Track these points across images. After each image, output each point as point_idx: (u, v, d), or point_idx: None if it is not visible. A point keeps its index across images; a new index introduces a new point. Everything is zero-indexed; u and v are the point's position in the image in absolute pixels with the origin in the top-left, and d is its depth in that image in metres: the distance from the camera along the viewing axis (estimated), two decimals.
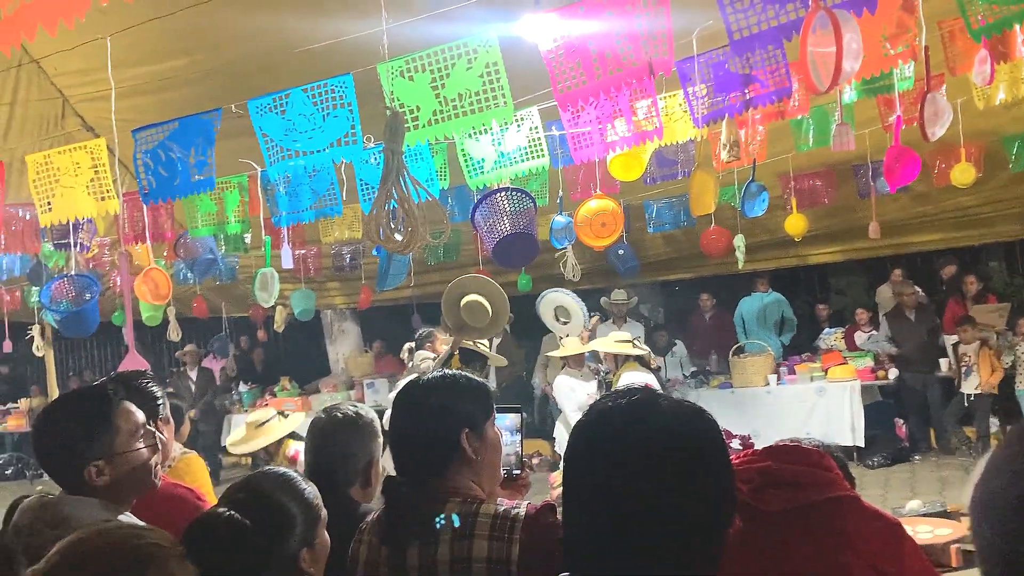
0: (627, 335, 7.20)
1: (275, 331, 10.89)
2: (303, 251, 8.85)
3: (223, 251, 7.26)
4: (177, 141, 3.92)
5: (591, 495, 1.28)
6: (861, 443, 8.67)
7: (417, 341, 6.72)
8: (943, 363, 9.09)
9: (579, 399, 6.82)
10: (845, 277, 12.93)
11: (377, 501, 2.38)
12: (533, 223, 4.51)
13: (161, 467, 2.18)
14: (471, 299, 5.07)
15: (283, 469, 2.00)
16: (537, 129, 4.64)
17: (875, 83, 4.59)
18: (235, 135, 4.20)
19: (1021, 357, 8.42)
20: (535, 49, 3.39)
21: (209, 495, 2.84)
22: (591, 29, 3.15)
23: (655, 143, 4.55)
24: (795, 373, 9.24)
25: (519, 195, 4.51)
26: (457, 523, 1.83)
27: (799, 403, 9.01)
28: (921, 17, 3.47)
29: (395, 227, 3.04)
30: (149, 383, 2.58)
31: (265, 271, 6.68)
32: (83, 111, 5.22)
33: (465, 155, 4.72)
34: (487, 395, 2.04)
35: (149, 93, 4.72)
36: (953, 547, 5.43)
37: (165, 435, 2.47)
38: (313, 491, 1.95)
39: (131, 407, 2.09)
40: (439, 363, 5.53)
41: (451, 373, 2.06)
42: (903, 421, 9.27)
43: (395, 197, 2.94)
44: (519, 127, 4.60)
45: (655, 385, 6.62)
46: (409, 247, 2.95)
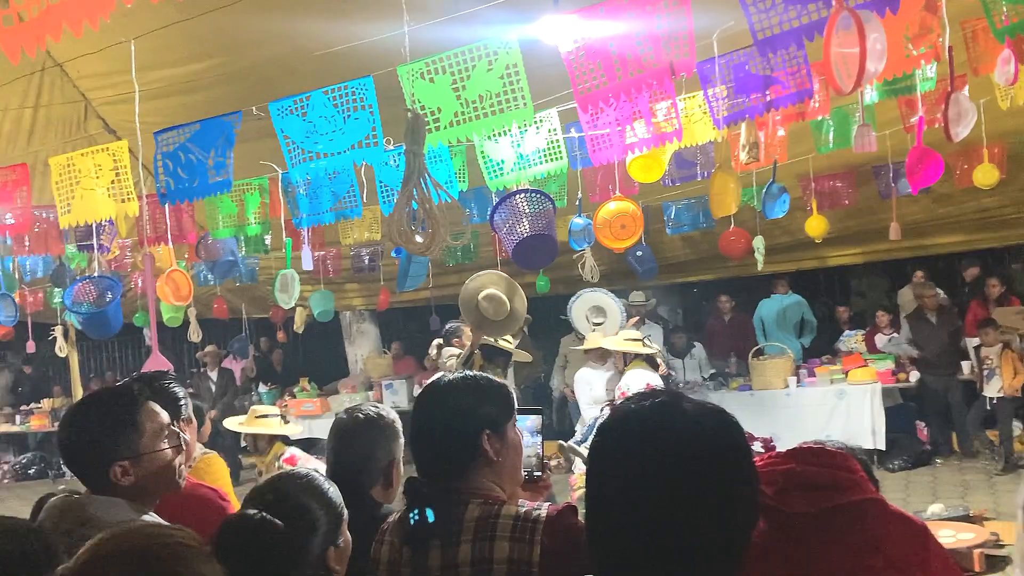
0: (637, 333, 7.21)
1: (294, 332, 10.94)
2: (323, 253, 8.89)
3: (243, 253, 7.30)
4: (197, 143, 3.95)
5: (615, 497, 1.28)
6: (882, 446, 8.61)
7: (444, 337, 6.73)
8: (965, 366, 9.01)
9: (596, 394, 6.85)
10: (865, 279, 12.84)
11: (398, 502, 2.39)
12: (552, 224, 4.51)
13: (184, 467, 2.20)
14: (488, 293, 5.06)
15: (306, 470, 2.03)
16: (556, 131, 4.64)
17: (897, 84, 4.56)
18: (256, 137, 4.23)
19: None
20: (554, 51, 3.39)
21: (230, 495, 2.85)
22: (611, 30, 3.15)
23: (674, 145, 4.53)
24: (815, 376, 9.18)
25: (538, 197, 4.52)
26: (432, 519, 1.83)
27: (819, 406, 8.96)
28: (944, 17, 3.44)
29: (415, 229, 3.05)
30: (172, 383, 2.60)
31: (285, 273, 6.72)
32: (105, 114, 5.26)
33: (485, 157, 4.73)
34: (508, 396, 2.04)
35: (171, 96, 4.76)
36: (976, 551, 5.39)
37: (187, 435, 2.49)
38: (335, 491, 1.99)
39: (156, 407, 2.11)
40: (461, 361, 5.53)
41: (472, 374, 2.06)
42: (924, 424, 9.20)
43: (416, 199, 2.95)
44: (538, 129, 4.60)
45: (655, 383, 6.65)
46: (430, 249, 2.95)
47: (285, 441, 5.07)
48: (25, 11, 2.12)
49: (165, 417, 2.12)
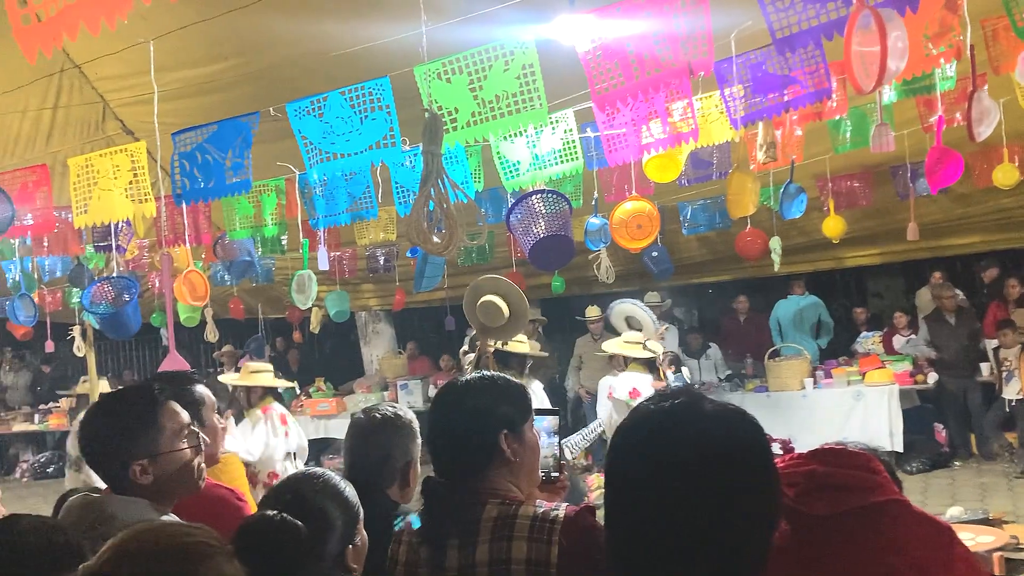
0: (639, 336, 7.22)
1: (310, 332, 10.97)
2: (338, 253, 8.92)
3: (260, 253, 7.33)
4: (215, 143, 3.96)
5: (635, 498, 1.27)
6: (900, 448, 8.55)
7: (469, 343, 6.77)
8: (984, 368, 8.94)
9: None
10: (883, 280, 12.77)
11: (415, 502, 2.38)
12: (568, 225, 4.50)
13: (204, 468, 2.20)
14: (486, 300, 5.05)
15: (321, 470, 2.03)
16: (572, 131, 4.63)
17: (916, 83, 4.52)
18: (273, 139, 4.24)
19: None
20: (570, 51, 3.39)
21: (246, 495, 2.86)
22: (629, 30, 3.14)
23: (691, 145, 4.52)
24: (832, 377, 9.13)
25: (554, 197, 4.50)
26: (417, 524, 1.82)
27: (836, 407, 8.91)
28: (966, 15, 3.41)
29: (431, 228, 3.05)
30: (195, 384, 2.61)
31: (302, 273, 6.73)
32: (123, 115, 5.29)
33: (500, 157, 4.73)
34: (526, 397, 2.03)
35: (188, 97, 4.78)
36: (996, 555, 5.34)
37: (223, 426, 2.51)
38: (352, 491, 2.00)
39: (176, 407, 2.12)
40: (472, 367, 5.53)
41: (489, 374, 2.06)
42: (943, 426, 9.13)
43: (433, 199, 2.95)
44: (554, 129, 4.59)
45: (641, 386, 6.66)
46: (448, 249, 2.95)
47: (275, 397, 5.55)
48: (43, 10, 2.13)
49: (185, 417, 2.13)
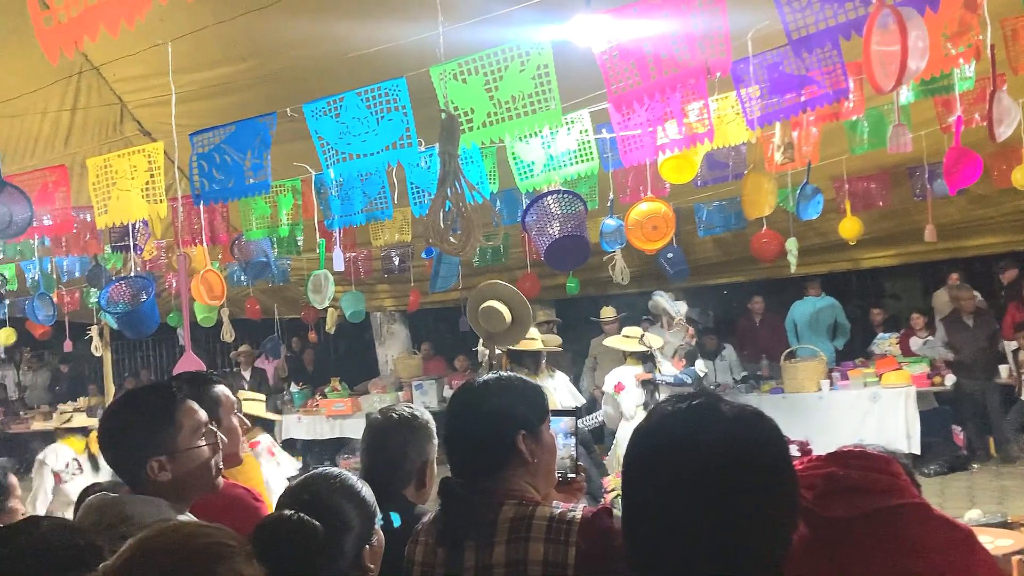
0: (637, 331, 7.30)
1: (325, 333, 11.01)
2: (353, 254, 8.94)
3: (276, 253, 7.36)
4: (233, 144, 3.98)
5: (652, 499, 1.27)
6: (917, 450, 8.50)
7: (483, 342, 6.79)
8: (1003, 369, 8.86)
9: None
10: (900, 281, 12.70)
11: (432, 502, 2.39)
12: (583, 226, 4.49)
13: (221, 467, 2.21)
14: (487, 306, 5.06)
15: (337, 470, 2.03)
16: (587, 132, 4.62)
17: (934, 83, 4.49)
18: (289, 139, 4.26)
19: None
20: (585, 51, 3.38)
21: (263, 495, 2.87)
22: (645, 30, 3.13)
23: (706, 145, 4.51)
24: (848, 379, 9.08)
25: (569, 197, 4.50)
26: (398, 523, 1.82)
27: (852, 409, 8.85)
28: (986, 15, 3.38)
29: (447, 228, 3.06)
30: (212, 384, 2.62)
31: (319, 273, 6.75)
32: (141, 116, 5.33)
33: (515, 158, 4.73)
34: (542, 397, 2.03)
35: (205, 98, 4.80)
36: (1015, 558, 5.29)
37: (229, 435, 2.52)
38: (368, 491, 1.99)
39: (194, 405, 2.13)
40: (486, 367, 5.55)
41: (506, 375, 2.06)
42: (960, 428, 9.06)
43: (450, 199, 2.95)
44: (569, 130, 4.59)
45: (627, 379, 6.72)
46: (464, 249, 2.96)
47: (266, 429, 5.75)
48: (64, 12, 2.15)
49: (203, 416, 2.14)
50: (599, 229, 6.20)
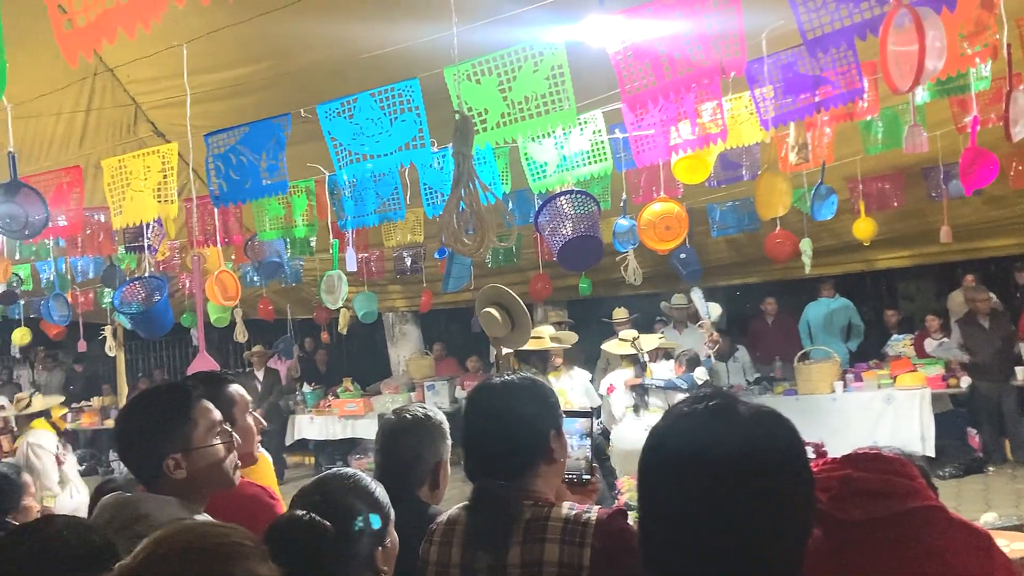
0: (632, 334, 7.34)
1: (338, 333, 11.04)
2: (366, 254, 8.96)
3: (289, 254, 7.38)
4: (248, 145, 3.99)
5: (669, 501, 1.26)
6: (931, 453, 8.44)
7: None
8: (1019, 372, 8.79)
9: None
10: (914, 282, 12.63)
11: (446, 503, 2.38)
12: (596, 226, 4.48)
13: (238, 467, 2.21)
14: (484, 312, 5.08)
15: (352, 470, 2.03)
16: (600, 132, 4.61)
17: (950, 83, 4.46)
18: (303, 140, 4.26)
19: None
20: (598, 52, 3.37)
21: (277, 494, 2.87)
22: (659, 30, 3.12)
23: (719, 146, 4.49)
24: (862, 380, 9.03)
25: (582, 198, 4.49)
26: (378, 524, 1.81)
27: (866, 411, 8.81)
28: (1002, 14, 3.36)
29: (461, 229, 3.05)
30: (227, 383, 2.63)
31: (332, 274, 6.77)
32: (154, 117, 5.34)
33: (528, 159, 4.72)
34: (557, 397, 2.04)
35: (218, 100, 4.81)
36: None
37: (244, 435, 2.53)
38: (382, 491, 1.99)
39: (209, 404, 2.15)
40: (496, 370, 5.56)
41: (526, 376, 2.06)
42: (976, 431, 9.00)
43: (464, 200, 2.95)
44: (582, 130, 4.58)
45: (618, 382, 6.73)
46: (479, 249, 2.96)
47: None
48: (83, 16, 2.16)
49: (217, 415, 2.15)
50: (612, 229, 6.19)
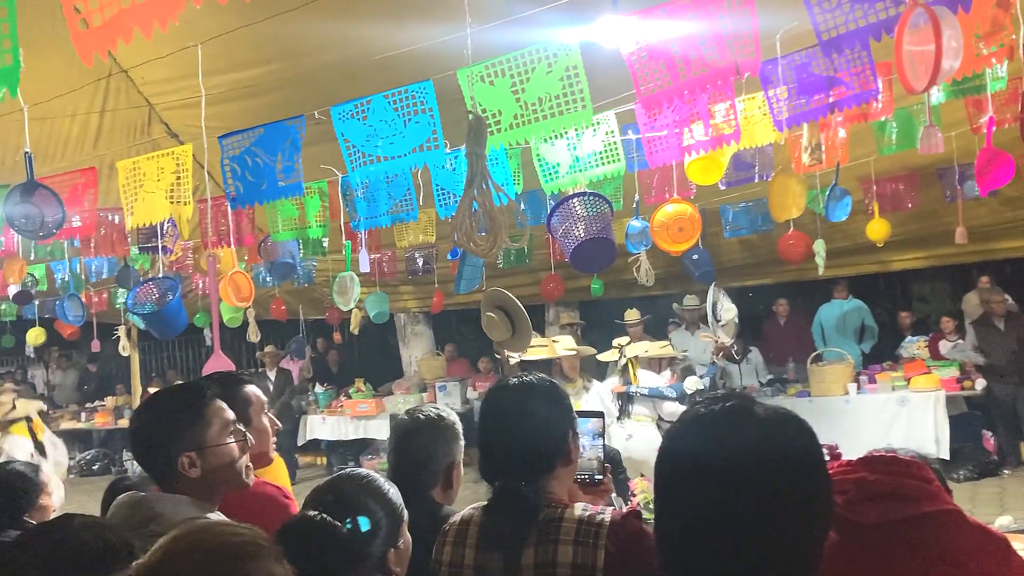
0: (623, 340, 7.37)
1: (350, 333, 11.08)
2: (378, 255, 8.97)
3: (302, 255, 7.40)
4: (263, 147, 4.00)
5: (687, 503, 1.25)
6: (946, 455, 8.39)
7: None
8: None
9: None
10: (928, 284, 12.55)
11: (459, 503, 2.38)
12: (609, 228, 4.47)
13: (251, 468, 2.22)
14: (487, 315, 5.09)
15: (365, 471, 2.03)
16: (613, 133, 4.61)
17: (965, 84, 4.44)
18: (316, 142, 4.28)
19: None
20: (611, 53, 3.37)
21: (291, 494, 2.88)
22: (673, 31, 3.11)
23: (732, 147, 4.48)
24: (876, 382, 8.98)
25: (594, 199, 4.48)
26: (367, 526, 1.81)
27: (880, 413, 8.75)
28: (1019, 13, 3.34)
29: (474, 229, 3.06)
30: (243, 384, 2.64)
31: (345, 275, 6.78)
32: (168, 118, 5.37)
33: (540, 160, 4.72)
34: (570, 399, 2.04)
35: (232, 101, 4.83)
36: None
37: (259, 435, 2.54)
38: (395, 492, 1.98)
39: (223, 404, 2.16)
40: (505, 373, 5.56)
41: (546, 377, 2.06)
42: (991, 434, 8.94)
43: (477, 200, 2.95)
44: (595, 131, 4.57)
45: (603, 394, 6.73)
46: (491, 250, 2.96)
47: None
48: (98, 15, 2.17)
49: (231, 414, 2.17)
50: (624, 231, 6.18)
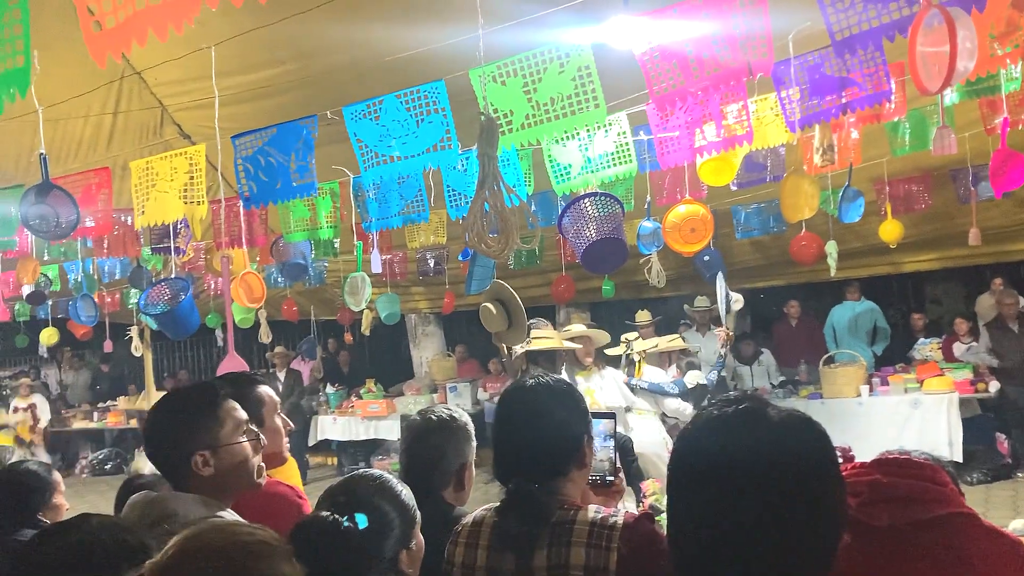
0: (631, 336, 7.38)
1: (361, 334, 11.11)
2: (389, 256, 8.99)
3: (314, 256, 7.42)
4: (276, 146, 4.01)
5: (700, 505, 1.25)
6: (959, 458, 8.34)
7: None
8: None
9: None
10: (941, 285, 12.48)
11: (471, 504, 2.38)
12: (620, 229, 4.47)
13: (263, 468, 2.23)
14: (483, 306, 5.11)
15: (379, 472, 2.03)
16: (625, 134, 4.60)
17: (979, 84, 4.41)
18: (328, 142, 4.29)
19: None
20: (622, 54, 3.36)
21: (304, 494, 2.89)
22: (685, 31, 3.11)
23: (744, 148, 4.47)
24: (888, 384, 8.94)
25: (606, 200, 4.48)
26: (364, 524, 1.80)
27: (892, 415, 8.71)
28: None
29: (486, 230, 3.05)
30: (256, 384, 2.66)
31: (356, 276, 6.79)
32: (180, 119, 5.39)
33: (552, 160, 4.71)
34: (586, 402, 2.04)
35: (244, 102, 4.85)
36: None
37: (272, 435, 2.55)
38: (408, 493, 1.98)
39: (235, 404, 2.18)
40: (512, 371, 5.55)
41: (563, 379, 2.07)
42: (1005, 436, 8.88)
43: (489, 201, 2.95)
44: (607, 132, 4.57)
45: (619, 379, 6.73)
46: (503, 251, 2.96)
47: None
48: (112, 17, 2.18)
49: (243, 414, 2.18)
50: (635, 232, 6.17)
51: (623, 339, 7.44)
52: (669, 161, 4.68)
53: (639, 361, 7.17)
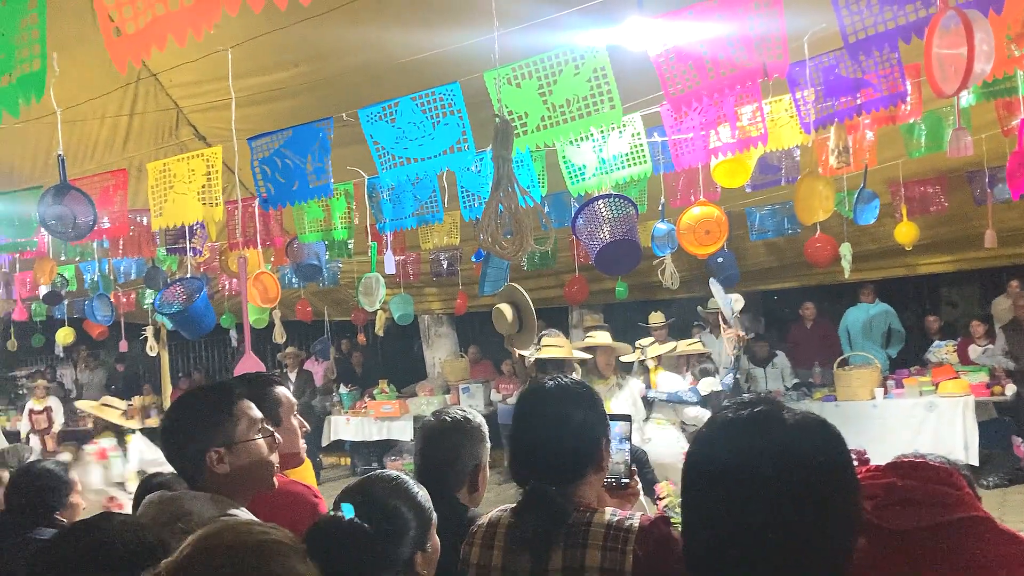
0: (646, 341, 7.35)
1: (374, 335, 11.14)
2: (403, 257, 9.00)
3: (328, 256, 7.44)
4: (292, 148, 4.03)
5: (715, 508, 1.25)
6: (975, 462, 8.28)
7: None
8: None
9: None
10: (957, 288, 12.42)
11: (485, 505, 2.39)
12: (634, 230, 4.46)
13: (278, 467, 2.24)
14: (496, 307, 5.12)
15: (395, 473, 2.03)
16: (640, 135, 4.60)
17: (996, 86, 4.39)
18: (343, 144, 4.30)
19: None
20: (636, 55, 3.36)
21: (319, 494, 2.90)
22: (700, 32, 3.11)
23: (759, 149, 4.46)
24: (903, 387, 8.89)
25: (620, 201, 4.48)
26: (351, 513, 1.80)
27: (907, 418, 8.66)
28: None
29: (500, 231, 3.06)
30: (273, 385, 2.67)
31: (370, 276, 6.80)
32: (196, 121, 5.42)
33: (566, 162, 4.72)
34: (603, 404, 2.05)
35: (259, 104, 4.87)
36: None
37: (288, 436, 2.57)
38: (424, 495, 1.98)
39: (250, 403, 2.20)
40: (522, 376, 5.55)
41: (583, 381, 2.07)
42: (1021, 440, 8.82)
43: (503, 203, 2.96)
44: (621, 133, 4.57)
45: (636, 392, 6.70)
46: (517, 252, 2.96)
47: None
48: (132, 23, 2.20)
49: (258, 413, 2.20)
50: (649, 233, 6.16)
51: (637, 345, 7.43)
52: (683, 162, 4.68)
53: (653, 368, 7.15)
